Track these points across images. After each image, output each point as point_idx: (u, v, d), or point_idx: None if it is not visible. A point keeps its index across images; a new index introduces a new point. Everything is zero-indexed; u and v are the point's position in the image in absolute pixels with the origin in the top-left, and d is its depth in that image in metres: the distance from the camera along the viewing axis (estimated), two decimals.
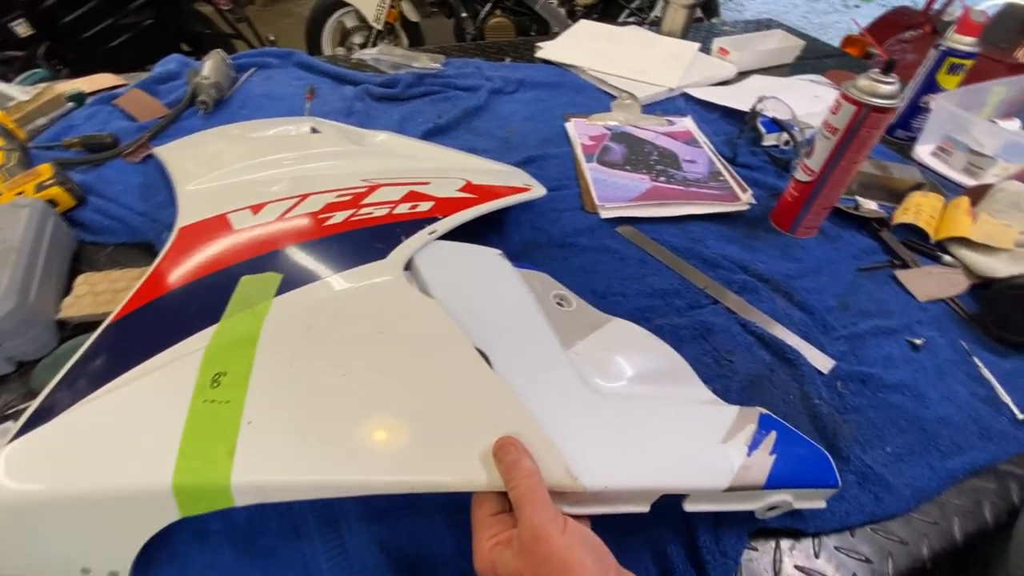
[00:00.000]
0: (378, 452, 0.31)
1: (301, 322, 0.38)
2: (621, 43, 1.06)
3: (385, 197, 0.52)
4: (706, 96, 0.92)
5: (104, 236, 0.56)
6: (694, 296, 0.56)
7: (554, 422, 0.33)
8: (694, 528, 0.37)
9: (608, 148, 0.76)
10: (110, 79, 0.82)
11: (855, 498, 0.40)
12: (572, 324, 0.45)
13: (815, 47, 1.19)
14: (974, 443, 0.45)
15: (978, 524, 0.41)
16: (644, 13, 2.27)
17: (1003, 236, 0.61)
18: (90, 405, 0.33)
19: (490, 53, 1.05)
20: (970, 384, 0.50)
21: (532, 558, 0.26)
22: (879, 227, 0.66)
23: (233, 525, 0.36)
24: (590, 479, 0.31)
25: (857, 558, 0.38)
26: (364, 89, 0.85)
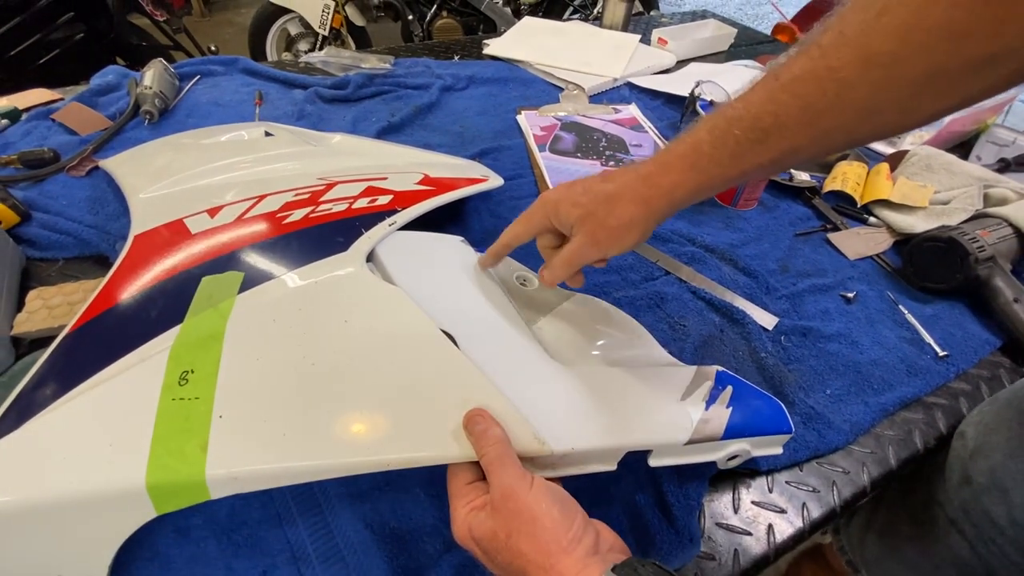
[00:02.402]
0: (352, 434, 0.32)
1: (266, 316, 0.38)
2: (565, 37, 1.10)
3: (343, 193, 0.53)
4: (648, 84, 0.97)
5: (53, 251, 0.54)
6: (647, 269, 0.59)
7: (521, 393, 0.35)
8: (660, 478, 0.40)
9: (559, 137, 0.79)
10: (45, 94, 0.79)
11: (801, 437, 0.44)
12: (535, 301, 0.47)
13: (748, 35, 1.26)
14: (903, 380, 0.50)
15: (910, 450, 0.46)
16: (587, 10, 2.33)
17: (919, 196, 0.67)
18: (54, 412, 0.32)
19: (439, 52, 1.07)
20: (897, 329, 0.55)
21: (503, 515, 0.28)
22: (812, 195, 0.72)
23: (214, 518, 0.36)
24: (557, 443, 0.32)
25: (806, 489, 0.42)
26: (314, 92, 0.85)
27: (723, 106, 0.33)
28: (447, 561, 0.36)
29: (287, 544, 0.35)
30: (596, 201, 0.36)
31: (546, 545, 0.27)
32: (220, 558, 0.35)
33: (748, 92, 0.31)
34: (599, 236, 0.36)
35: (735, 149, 0.31)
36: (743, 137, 0.31)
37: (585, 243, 0.37)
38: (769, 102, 0.30)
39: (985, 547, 0.45)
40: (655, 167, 0.35)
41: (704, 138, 0.32)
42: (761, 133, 0.30)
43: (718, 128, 0.32)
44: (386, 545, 0.36)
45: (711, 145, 0.32)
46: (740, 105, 0.31)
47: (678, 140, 0.34)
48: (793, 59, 0.30)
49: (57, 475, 0.30)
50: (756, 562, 0.38)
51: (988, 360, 0.54)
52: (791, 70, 0.29)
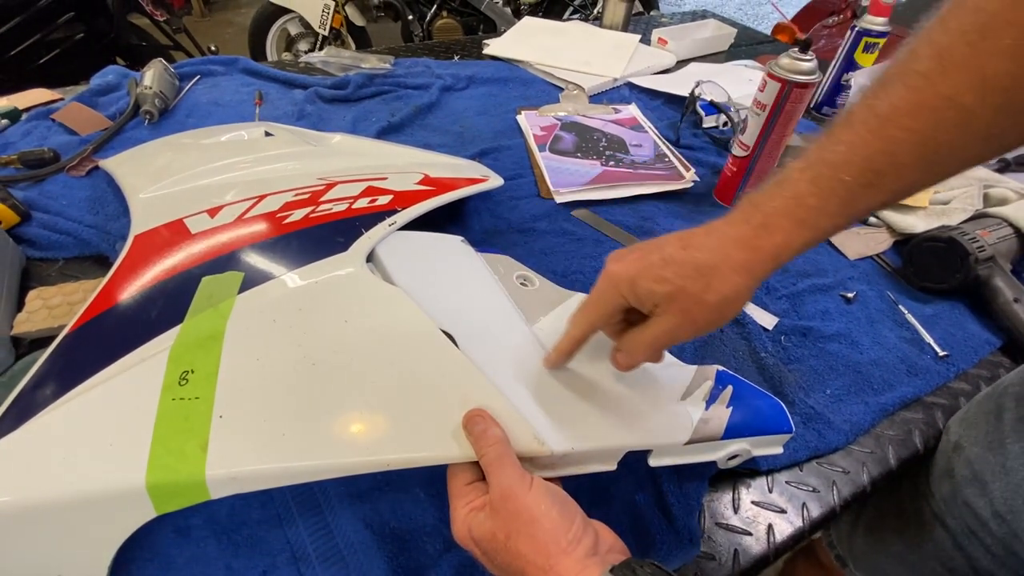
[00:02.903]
0: (352, 434, 0.32)
1: (266, 316, 0.38)
2: (565, 37, 1.10)
3: (343, 193, 0.53)
4: (648, 84, 0.97)
5: (53, 251, 0.54)
6: None
7: (521, 393, 0.35)
8: (660, 478, 0.40)
9: (559, 137, 0.79)
10: (45, 94, 0.79)
11: (801, 436, 0.44)
12: (535, 301, 0.47)
13: (747, 35, 1.26)
14: (903, 380, 0.50)
15: (910, 450, 0.46)
16: (587, 10, 2.33)
17: (919, 196, 0.66)
18: (54, 412, 0.32)
19: (439, 52, 1.07)
20: (897, 329, 0.55)
21: (503, 516, 0.28)
22: None
23: (215, 518, 0.36)
24: (556, 443, 0.32)
25: (806, 489, 0.42)
26: (314, 92, 0.85)
27: (815, 151, 0.30)
28: (447, 561, 0.36)
29: (287, 544, 0.36)
30: (685, 275, 0.31)
31: (545, 546, 0.27)
32: (220, 558, 0.35)
33: (842, 131, 0.29)
34: (696, 315, 0.31)
35: (846, 196, 0.29)
36: (854, 183, 0.28)
37: (678, 323, 0.32)
38: (878, 140, 0.27)
39: (968, 540, 0.45)
40: (751, 229, 0.30)
41: (806, 190, 0.29)
42: (874, 175, 0.28)
43: (822, 177, 0.29)
44: (386, 545, 0.36)
45: (817, 197, 0.29)
46: (842, 149, 0.28)
47: (768, 193, 0.30)
48: (890, 91, 0.27)
49: (57, 475, 0.30)
50: (756, 562, 0.38)
51: (988, 360, 0.54)
52: (892, 102, 0.27)
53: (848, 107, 0.30)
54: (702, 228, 0.32)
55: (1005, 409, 0.44)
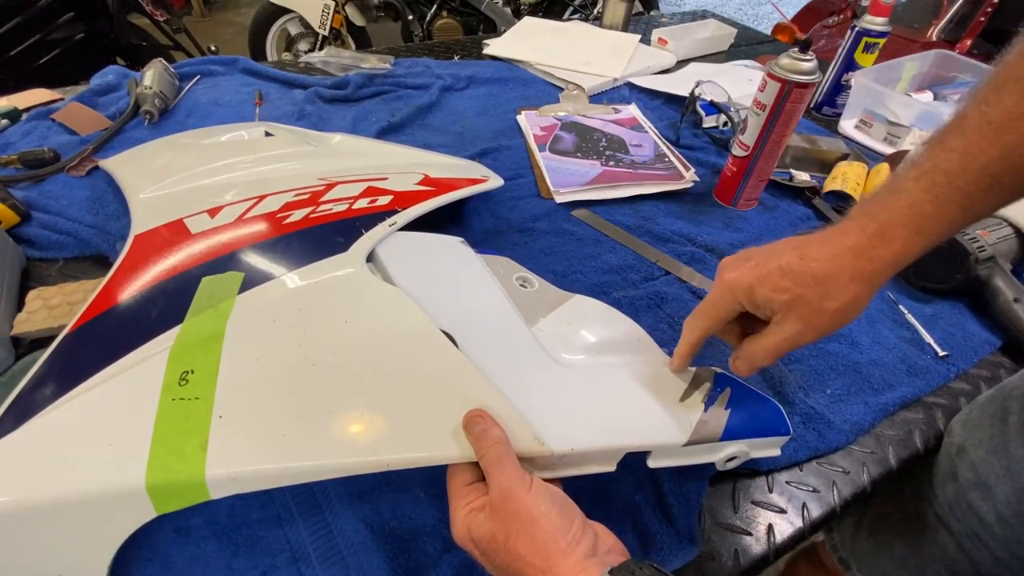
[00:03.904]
0: (352, 434, 0.32)
1: (266, 317, 0.38)
2: (565, 37, 1.10)
3: (343, 194, 0.53)
4: (648, 84, 0.97)
5: (54, 251, 0.54)
6: (647, 269, 0.59)
7: (521, 393, 0.35)
8: (659, 478, 0.40)
9: (559, 137, 0.79)
10: (45, 94, 0.79)
11: (801, 436, 0.44)
12: (535, 303, 0.47)
13: (747, 35, 1.26)
14: (903, 380, 0.50)
15: (910, 450, 0.46)
16: (587, 9, 2.33)
17: None
18: (54, 412, 0.32)
19: (439, 52, 1.07)
20: (897, 329, 0.55)
21: (502, 517, 0.28)
22: (812, 196, 0.72)
23: (215, 519, 0.36)
24: (556, 443, 0.32)
25: (806, 489, 0.42)
26: (314, 92, 0.85)
27: (927, 158, 0.30)
28: (447, 561, 0.36)
29: (287, 544, 0.36)
30: (804, 284, 0.32)
31: (544, 547, 0.27)
32: (220, 558, 0.35)
33: (955, 138, 0.29)
34: (816, 322, 0.32)
35: (964, 202, 0.29)
36: (972, 189, 0.29)
37: (800, 330, 0.33)
38: (993, 147, 0.28)
39: (972, 543, 0.45)
40: (867, 239, 0.30)
41: (922, 198, 0.29)
42: (992, 180, 0.28)
43: (938, 185, 0.29)
44: (386, 545, 0.36)
45: (934, 204, 0.29)
46: (956, 156, 0.29)
47: (882, 202, 0.31)
48: (1002, 97, 0.28)
49: (57, 475, 0.30)
50: (756, 562, 0.38)
51: (988, 360, 0.54)
52: (1006, 108, 0.28)
53: (959, 111, 0.30)
54: (816, 236, 0.33)
55: (1010, 412, 0.43)
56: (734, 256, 0.37)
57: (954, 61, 0.91)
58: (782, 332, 0.33)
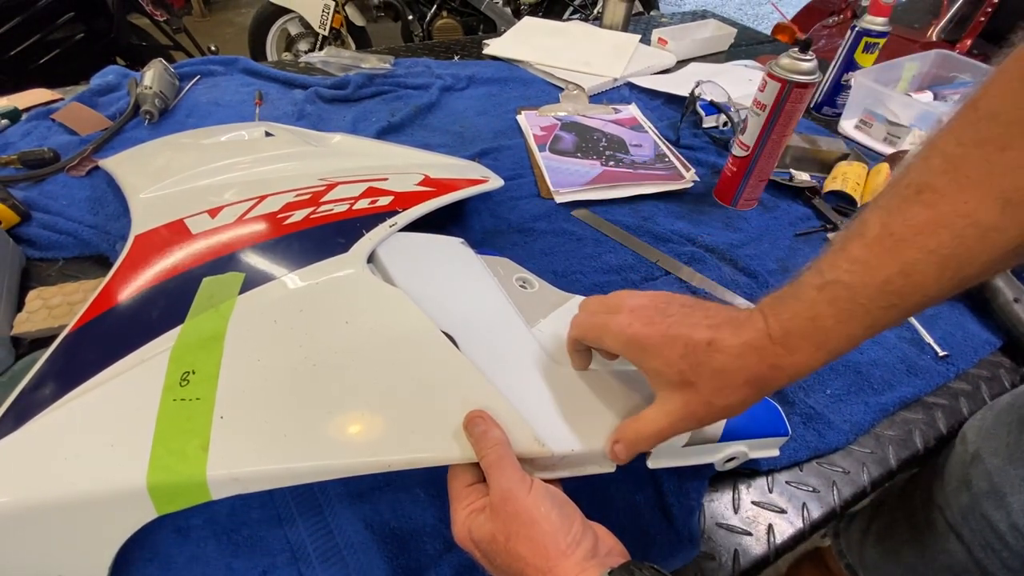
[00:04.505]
0: (353, 435, 0.32)
1: (267, 317, 0.38)
2: (565, 37, 1.10)
3: (344, 194, 0.53)
4: (648, 84, 0.97)
5: (54, 251, 0.54)
6: (647, 269, 0.59)
7: (521, 394, 0.35)
8: (659, 478, 0.40)
9: (559, 137, 0.79)
10: (45, 94, 0.79)
11: (801, 436, 0.44)
12: (535, 304, 0.47)
13: (747, 35, 1.26)
14: (903, 380, 0.50)
15: (910, 450, 0.46)
16: (587, 10, 2.33)
17: None
18: (55, 413, 0.32)
19: (439, 52, 1.07)
20: (897, 329, 0.55)
21: (502, 518, 0.28)
22: (812, 196, 0.72)
23: (215, 519, 0.36)
24: (556, 444, 0.33)
25: (806, 489, 0.42)
26: (314, 92, 0.85)
27: (829, 266, 0.28)
28: (447, 561, 0.36)
29: (287, 544, 0.36)
30: (700, 374, 0.30)
31: (544, 548, 0.27)
32: (220, 558, 0.35)
33: (856, 249, 0.27)
34: (700, 413, 0.31)
35: (866, 320, 0.27)
36: (872, 305, 0.27)
37: (683, 416, 0.31)
38: (894, 262, 0.26)
39: (984, 553, 0.45)
40: (772, 345, 0.28)
41: (825, 311, 0.27)
42: (893, 297, 0.26)
43: (840, 299, 0.27)
44: (386, 545, 0.36)
45: (835, 319, 0.27)
46: (857, 269, 0.27)
47: (787, 305, 0.29)
48: (903, 206, 0.26)
49: (58, 475, 0.30)
50: (756, 562, 0.38)
51: (988, 360, 0.54)
52: (908, 221, 0.26)
53: (861, 216, 0.28)
54: (729, 319, 0.30)
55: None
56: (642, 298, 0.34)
57: (954, 61, 0.91)
58: (665, 416, 0.31)
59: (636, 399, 0.39)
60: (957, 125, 0.26)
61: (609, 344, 0.33)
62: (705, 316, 0.31)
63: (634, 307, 0.33)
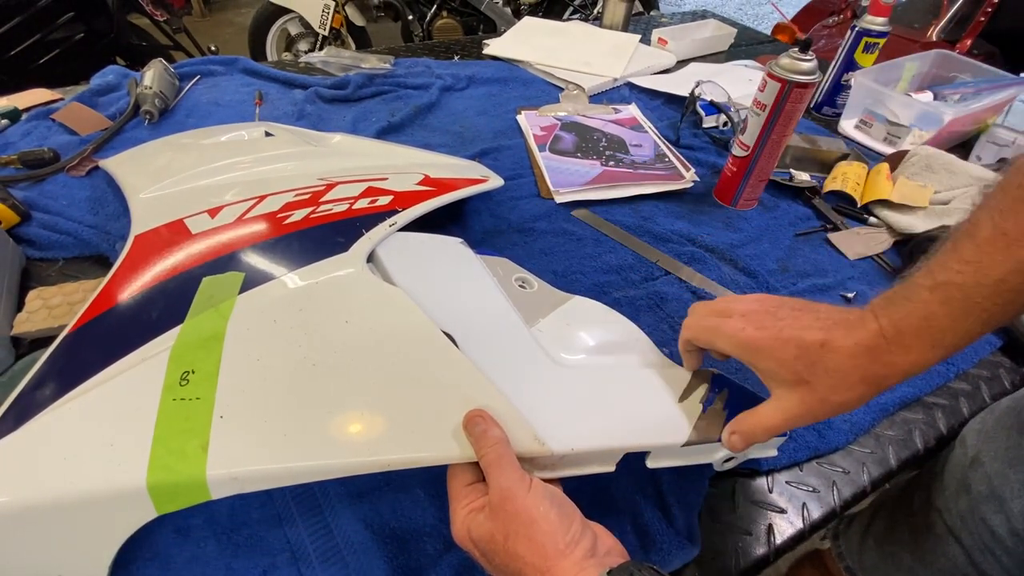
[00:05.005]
0: (352, 435, 0.32)
1: (267, 317, 0.38)
2: (565, 37, 1.10)
3: (344, 194, 0.53)
4: (648, 84, 0.97)
5: (54, 251, 0.54)
6: (647, 269, 0.59)
7: (521, 394, 0.35)
8: (659, 478, 0.40)
9: (559, 137, 0.79)
10: (45, 94, 0.79)
11: (801, 437, 0.44)
12: (534, 304, 0.47)
13: (747, 35, 1.26)
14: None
15: (910, 450, 0.46)
16: (587, 9, 2.33)
17: (919, 196, 0.66)
18: (54, 412, 0.32)
19: (439, 52, 1.07)
20: None
21: (502, 517, 0.28)
22: (812, 196, 0.72)
23: (215, 519, 0.36)
24: (556, 443, 0.33)
25: (805, 489, 0.42)
26: (314, 92, 0.85)
27: (940, 268, 0.28)
28: (447, 561, 0.36)
29: (287, 544, 0.36)
30: (815, 373, 0.31)
31: (543, 548, 0.27)
32: (220, 558, 0.35)
33: (968, 250, 0.28)
34: (817, 410, 0.31)
35: (982, 316, 0.28)
36: (989, 303, 0.27)
37: (800, 414, 0.32)
38: (1008, 260, 0.27)
39: (982, 557, 0.45)
40: (885, 343, 0.29)
41: (938, 311, 0.28)
42: (1010, 294, 0.27)
43: (954, 300, 0.28)
44: (386, 545, 0.36)
45: (951, 318, 0.28)
46: (970, 270, 0.27)
47: (899, 306, 0.29)
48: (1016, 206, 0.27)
49: (57, 475, 0.30)
50: (756, 562, 0.38)
51: (988, 360, 0.54)
52: (1020, 221, 0.26)
53: (972, 217, 0.29)
54: (840, 321, 0.31)
55: None
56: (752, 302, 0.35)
57: (954, 61, 0.91)
58: (782, 413, 0.32)
59: (635, 397, 0.39)
60: None
61: (722, 346, 0.35)
62: (816, 319, 0.32)
63: (745, 311, 0.34)
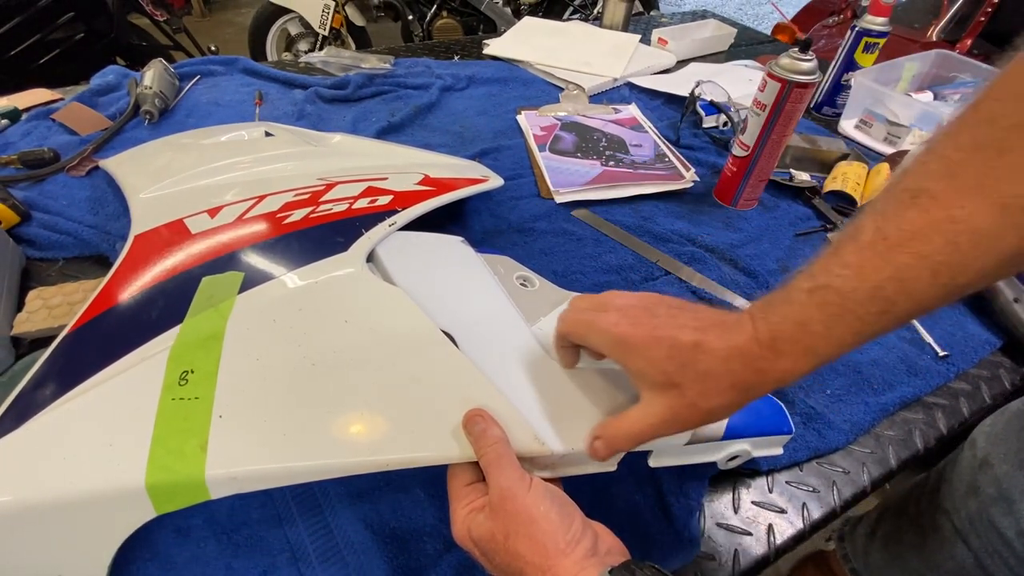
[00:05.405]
0: (352, 434, 0.32)
1: (266, 316, 0.38)
2: (565, 37, 1.10)
3: (343, 194, 0.53)
4: (648, 84, 0.97)
5: (54, 251, 0.54)
6: (647, 269, 0.59)
7: (521, 393, 0.35)
8: (659, 478, 0.40)
9: (559, 137, 0.79)
10: (45, 94, 0.79)
11: (801, 436, 0.44)
12: (535, 302, 0.47)
13: (747, 35, 1.26)
14: (903, 380, 0.50)
15: (910, 450, 0.46)
16: (587, 9, 2.33)
17: None
18: (54, 412, 0.32)
19: (439, 52, 1.07)
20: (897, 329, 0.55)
21: (502, 517, 0.28)
22: (812, 196, 0.72)
23: (215, 519, 0.36)
24: (556, 443, 0.33)
25: (806, 489, 0.42)
26: (314, 92, 0.85)
27: (821, 269, 0.27)
28: (447, 561, 0.36)
29: (287, 544, 0.36)
30: (686, 376, 0.29)
31: (544, 547, 0.27)
32: (220, 558, 0.35)
33: (849, 252, 0.27)
34: (684, 416, 0.30)
35: (855, 325, 0.26)
36: (862, 311, 0.26)
37: (666, 419, 0.30)
38: (886, 266, 0.25)
39: (991, 560, 0.45)
40: (759, 348, 0.28)
41: (814, 315, 0.27)
42: (885, 303, 0.25)
43: (830, 304, 0.26)
44: (386, 545, 0.36)
45: (825, 325, 0.26)
46: (849, 274, 0.26)
47: (776, 309, 0.28)
48: (899, 210, 0.26)
49: (57, 475, 0.30)
50: (756, 562, 0.38)
51: (988, 360, 0.54)
52: (901, 226, 0.25)
53: (856, 221, 0.28)
54: (718, 322, 0.30)
55: None
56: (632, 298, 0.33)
57: (954, 61, 0.91)
58: (648, 418, 0.30)
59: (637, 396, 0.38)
60: (956, 129, 0.26)
61: (594, 342, 0.33)
62: (693, 318, 0.30)
63: (622, 306, 0.32)
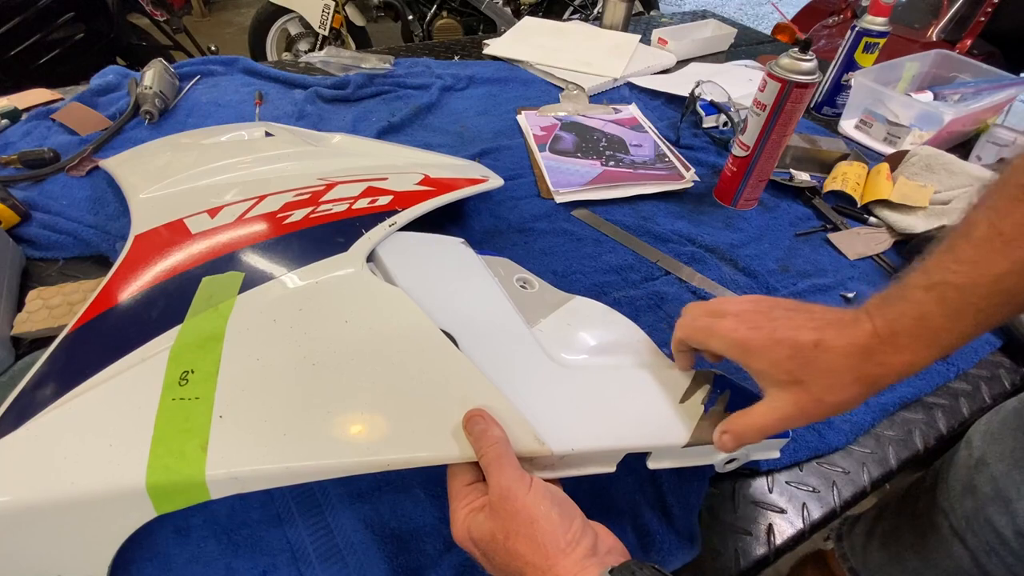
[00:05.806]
0: (352, 434, 0.32)
1: (266, 316, 0.38)
2: (566, 37, 1.10)
3: (343, 194, 0.53)
4: (648, 84, 0.97)
5: (54, 251, 0.54)
6: (647, 269, 0.59)
7: (521, 394, 0.35)
8: (659, 478, 0.40)
9: (559, 137, 0.79)
10: (45, 94, 0.79)
11: (801, 437, 0.44)
12: (535, 304, 0.47)
13: (748, 35, 1.26)
14: (902, 380, 0.50)
15: (910, 450, 0.46)
16: (587, 10, 2.33)
17: (919, 196, 0.66)
18: (54, 412, 0.32)
19: (439, 52, 1.07)
20: None
21: (502, 517, 0.28)
22: (812, 196, 0.72)
23: (214, 518, 0.36)
24: (557, 444, 0.33)
25: (806, 489, 0.42)
26: (314, 92, 0.85)
27: (936, 267, 0.28)
28: (447, 561, 0.36)
29: (287, 544, 0.36)
30: (807, 369, 0.30)
31: (544, 547, 0.27)
32: (220, 558, 0.35)
33: (965, 248, 0.28)
34: (811, 411, 0.31)
35: (978, 317, 0.28)
36: (984, 304, 0.27)
37: (793, 415, 0.31)
38: (1004, 261, 0.26)
39: (988, 558, 0.45)
40: (879, 343, 0.29)
41: (934, 310, 0.28)
42: (1005, 295, 0.27)
43: (950, 299, 0.27)
44: (386, 545, 0.36)
45: (946, 318, 0.28)
46: (966, 269, 0.27)
47: (894, 306, 0.29)
48: (1012, 206, 0.27)
49: (57, 475, 0.30)
50: (756, 562, 0.38)
51: (988, 360, 0.53)
52: (1016, 221, 0.26)
53: (967, 216, 0.29)
54: (834, 320, 0.31)
55: None
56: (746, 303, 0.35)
57: (954, 61, 0.91)
58: (774, 413, 0.32)
59: (636, 398, 0.38)
60: None
61: (715, 346, 0.35)
62: (809, 318, 0.32)
63: (738, 312, 0.34)
